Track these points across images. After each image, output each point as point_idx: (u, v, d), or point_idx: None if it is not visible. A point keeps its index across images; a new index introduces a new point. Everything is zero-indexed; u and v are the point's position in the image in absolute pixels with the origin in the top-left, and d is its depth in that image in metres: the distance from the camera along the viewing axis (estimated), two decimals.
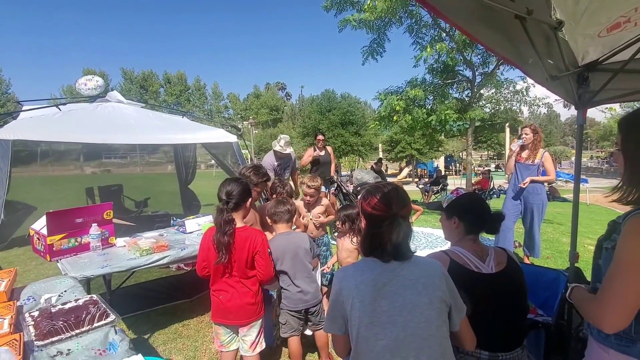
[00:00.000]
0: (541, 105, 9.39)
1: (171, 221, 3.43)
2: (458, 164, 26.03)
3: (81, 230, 2.50)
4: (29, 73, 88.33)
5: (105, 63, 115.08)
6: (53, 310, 1.50)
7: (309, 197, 3.05)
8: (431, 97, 9.39)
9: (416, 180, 21.13)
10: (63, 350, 1.27)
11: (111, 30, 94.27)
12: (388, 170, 25.16)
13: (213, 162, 12.28)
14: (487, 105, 9.96)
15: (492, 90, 9.47)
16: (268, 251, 2.03)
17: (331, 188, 6.10)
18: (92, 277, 2.19)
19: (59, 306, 1.54)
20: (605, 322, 1.02)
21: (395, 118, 9.23)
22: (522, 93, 9.08)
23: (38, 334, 1.30)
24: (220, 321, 2.04)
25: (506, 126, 19.13)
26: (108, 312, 1.47)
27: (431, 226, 6.75)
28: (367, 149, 27.77)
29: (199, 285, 3.36)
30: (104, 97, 4.31)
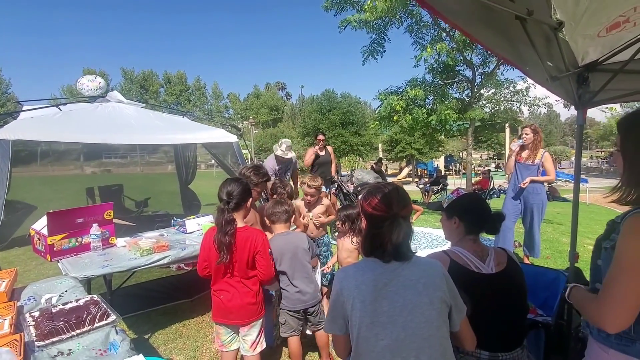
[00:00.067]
0: (541, 105, 9.40)
1: (171, 221, 3.43)
2: (458, 164, 26.02)
3: (82, 230, 2.50)
4: (29, 73, 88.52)
5: (105, 63, 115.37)
6: (54, 310, 1.50)
7: (310, 197, 3.06)
8: (431, 97, 9.38)
9: (416, 180, 21.15)
10: (64, 350, 1.27)
11: (111, 29, 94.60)
12: (388, 170, 25.13)
13: (213, 162, 12.27)
14: (487, 105, 9.95)
15: (492, 90, 9.46)
16: (269, 251, 2.04)
17: (332, 188, 6.10)
18: (93, 277, 2.20)
19: (60, 306, 1.54)
20: (607, 323, 1.02)
21: (395, 118, 9.23)
22: (522, 93, 9.07)
23: (39, 334, 1.30)
24: (221, 321, 2.04)
25: (506, 126, 19.11)
26: (109, 312, 1.47)
27: (431, 226, 6.75)
28: (367, 149, 27.80)
29: (200, 285, 3.37)
30: (104, 97, 4.30)
